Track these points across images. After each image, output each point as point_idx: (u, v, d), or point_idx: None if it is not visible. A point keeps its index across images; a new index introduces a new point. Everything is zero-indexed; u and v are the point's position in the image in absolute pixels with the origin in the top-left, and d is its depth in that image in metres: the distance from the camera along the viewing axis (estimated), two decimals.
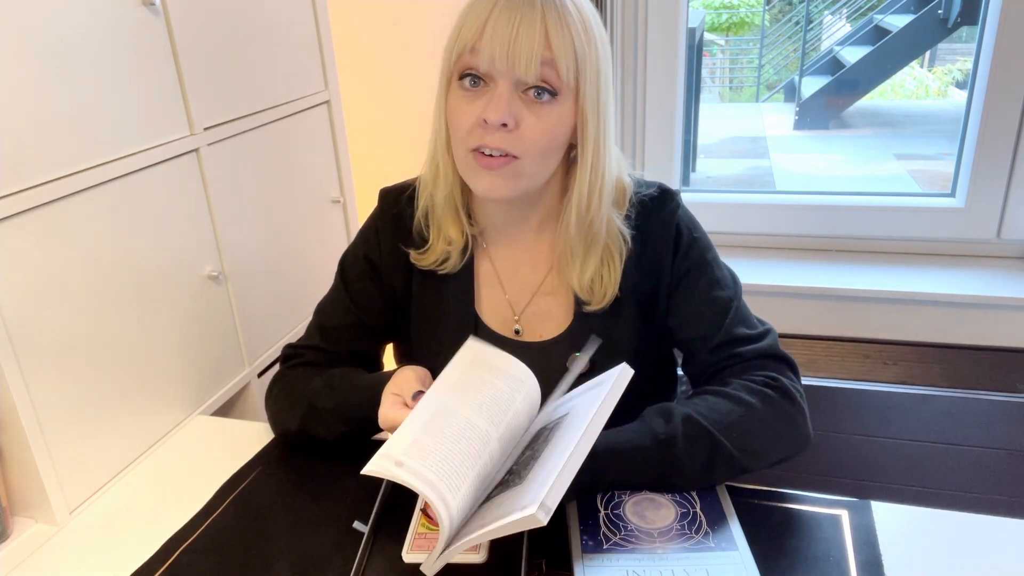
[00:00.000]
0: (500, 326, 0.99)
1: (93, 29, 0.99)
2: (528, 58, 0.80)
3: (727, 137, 5.79)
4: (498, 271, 0.99)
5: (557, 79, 0.82)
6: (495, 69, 0.82)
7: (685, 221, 0.97)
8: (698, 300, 0.95)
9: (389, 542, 0.83)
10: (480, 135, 0.83)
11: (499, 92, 0.82)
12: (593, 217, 0.90)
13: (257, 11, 1.29)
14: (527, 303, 0.99)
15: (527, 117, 0.83)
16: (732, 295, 0.96)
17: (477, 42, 0.81)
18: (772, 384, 0.90)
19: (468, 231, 0.96)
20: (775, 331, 0.97)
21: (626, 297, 0.95)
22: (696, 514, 0.83)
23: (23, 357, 0.91)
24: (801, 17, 6.77)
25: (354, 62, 1.82)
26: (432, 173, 0.95)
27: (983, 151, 1.60)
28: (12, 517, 0.96)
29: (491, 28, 0.80)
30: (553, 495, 0.67)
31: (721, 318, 0.94)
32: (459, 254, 0.96)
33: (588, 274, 0.92)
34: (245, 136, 1.28)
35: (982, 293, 1.57)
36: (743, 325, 0.95)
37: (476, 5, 0.83)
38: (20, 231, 0.90)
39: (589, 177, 0.89)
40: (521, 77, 0.81)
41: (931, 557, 0.80)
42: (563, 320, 0.97)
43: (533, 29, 0.80)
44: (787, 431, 0.89)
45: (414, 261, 0.98)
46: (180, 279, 1.16)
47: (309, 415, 0.97)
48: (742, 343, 0.94)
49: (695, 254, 0.96)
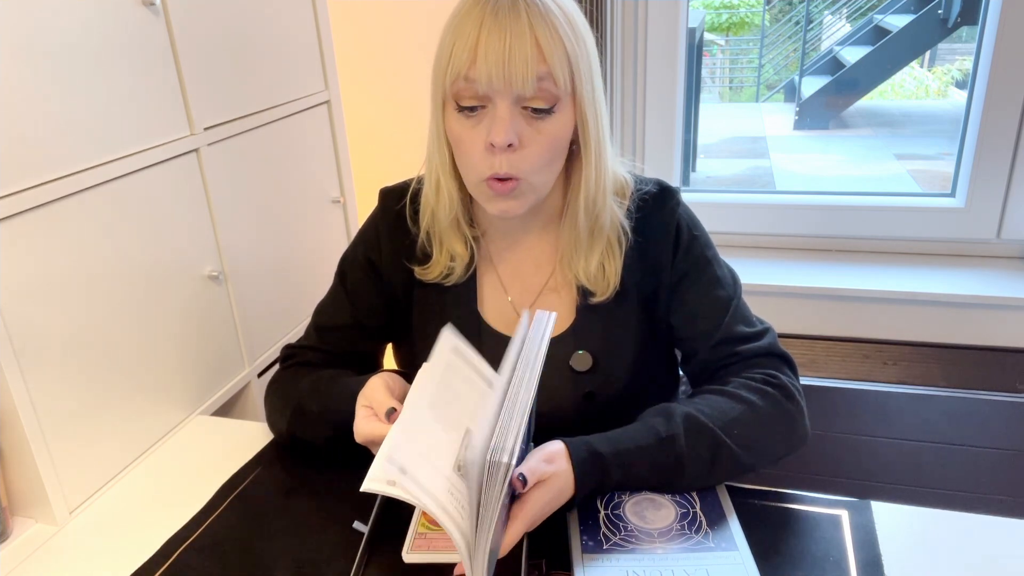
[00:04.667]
0: (504, 327, 0.99)
1: (93, 29, 0.99)
2: (524, 75, 0.80)
3: (727, 137, 5.79)
4: (500, 273, 1.00)
5: (555, 88, 0.82)
6: (493, 90, 0.82)
7: (686, 219, 0.97)
8: (698, 298, 0.96)
9: (389, 542, 0.83)
10: (490, 163, 0.84)
11: (500, 113, 0.82)
12: (600, 210, 0.92)
13: (257, 11, 1.29)
14: (531, 302, 0.99)
15: (530, 134, 0.84)
16: (732, 294, 0.96)
17: (470, 69, 0.81)
18: (771, 382, 0.90)
19: (470, 237, 0.96)
20: (774, 330, 0.97)
21: (629, 293, 0.96)
22: (696, 514, 0.83)
23: (23, 357, 0.91)
24: (801, 17, 6.77)
25: (354, 62, 1.82)
26: (433, 191, 0.94)
27: (983, 151, 1.60)
28: (12, 517, 0.96)
29: (483, 51, 0.80)
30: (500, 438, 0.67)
31: (721, 316, 0.95)
32: (463, 268, 0.97)
33: (593, 265, 0.93)
34: (245, 136, 1.28)
35: (982, 293, 1.57)
36: (743, 323, 0.95)
37: (462, 27, 0.81)
38: (20, 231, 0.90)
39: (595, 174, 0.90)
40: (520, 93, 0.82)
41: (931, 557, 0.80)
42: (566, 317, 0.97)
43: (525, 44, 0.79)
44: (787, 428, 0.89)
45: (419, 276, 0.98)
46: (180, 279, 1.16)
47: (296, 417, 0.97)
48: (741, 341, 0.94)
49: (696, 252, 0.96)
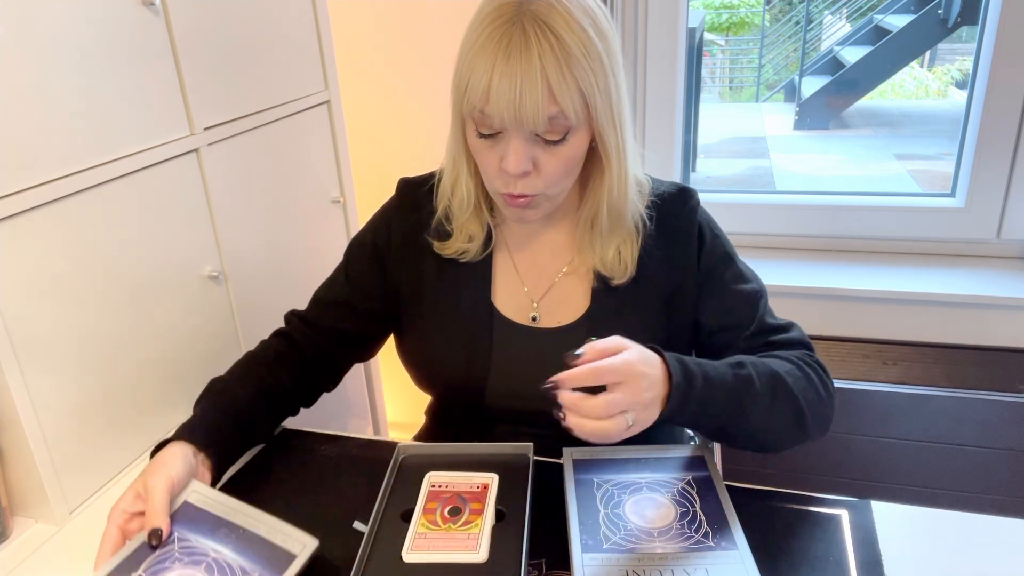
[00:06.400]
0: (516, 314, 1.00)
1: (93, 29, 0.99)
2: (535, 117, 0.81)
3: (727, 137, 5.79)
4: (516, 261, 1.01)
5: (567, 121, 0.83)
6: (505, 125, 0.83)
7: (705, 219, 1.00)
8: (728, 293, 0.98)
9: (389, 542, 0.83)
10: (505, 182, 0.87)
11: (514, 146, 0.84)
12: (622, 209, 0.94)
13: (257, 11, 1.29)
14: (546, 290, 1.00)
15: (546, 157, 0.86)
16: (758, 287, 0.99)
17: (484, 105, 0.82)
18: (815, 365, 0.93)
19: (490, 223, 0.99)
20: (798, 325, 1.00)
21: (647, 282, 0.97)
22: (696, 514, 0.83)
23: (23, 357, 0.91)
24: (801, 17, 6.77)
25: (354, 62, 1.82)
26: (451, 186, 0.97)
27: (983, 151, 1.60)
28: (12, 517, 0.96)
29: (495, 92, 0.81)
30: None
31: (753, 310, 0.97)
32: (480, 246, 0.99)
33: (610, 253, 0.95)
34: (245, 136, 1.28)
35: (982, 293, 1.57)
36: (770, 316, 0.98)
37: (476, 63, 0.82)
38: (20, 231, 0.90)
39: (616, 181, 0.92)
40: (532, 129, 0.83)
41: (931, 557, 0.80)
42: (581, 306, 0.98)
43: (535, 86, 0.80)
44: (826, 406, 0.92)
45: (437, 250, 1.00)
46: (180, 279, 1.16)
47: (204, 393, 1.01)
48: (774, 332, 0.96)
49: (719, 250, 0.99)
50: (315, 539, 0.80)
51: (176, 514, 0.82)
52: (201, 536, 0.80)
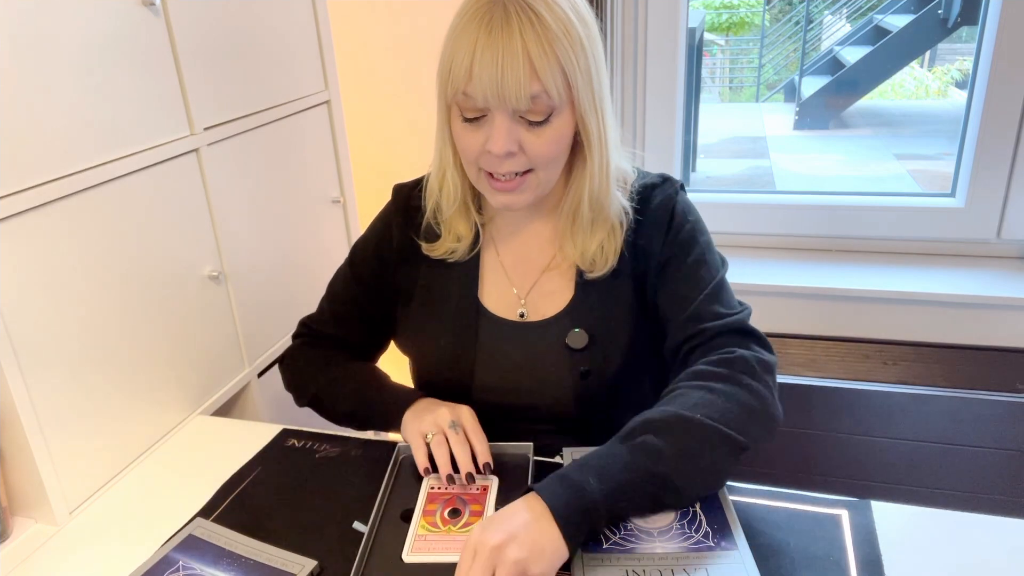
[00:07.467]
0: (504, 311, 1.01)
1: (93, 29, 0.99)
2: (517, 94, 0.82)
3: (727, 137, 5.78)
4: (503, 260, 1.02)
5: (550, 100, 0.84)
6: (489, 105, 0.84)
7: (682, 205, 0.98)
8: (679, 278, 0.94)
9: (389, 542, 0.83)
10: (488, 161, 0.87)
11: (497, 125, 0.85)
12: (604, 201, 0.94)
13: (257, 11, 1.29)
14: (532, 285, 1.01)
15: (529, 138, 0.86)
16: (714, 275, 0.94)
17: (467, 86, 0.83)
18: (739, 364, 0.86)
19: (478, 221, 1.00)
20: (750, 310, 0.94)
21: (623, 276, 0.97)
22: (696, 514, 0.83)
23: (23, 357, 0.91)
24: (801, 17, 6.76)
25: (354, 62, 1.82)
26: (438, 182, 0.98)
27: (983, 151, 1.60)
28: (12, 517, 0.96)
29: (477, 70, 0.82)
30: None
31: (695, 294, 0.92)
32: (468, 247, 1.00)
33: (593, 247, 0.95)
34: (245, 136, 1.28)
35: (982, 293, 1.57)
36: (719, 304, 0.92)
37: (459, 43, 0.83)
38: (20, 231, 0.90)
39: (598, 169, 0.92)
40: (515, 108, 0.83)
41: (931, 557, 0.80)
42: (565, 298, 0.99)
43: (517, 64, 0.81)
44: (757, 411, 0.84)
45: (426, 252, 1.01)
46: (180, 279, 1.16)
47: (317, 406, 1.07)
48: (710, 319, 0.91)
49: (686, 235, 0.96)
50: (313, 561, 0.82)
51: (181, 545, 0.86)
52: (205, 565, 0.83)
